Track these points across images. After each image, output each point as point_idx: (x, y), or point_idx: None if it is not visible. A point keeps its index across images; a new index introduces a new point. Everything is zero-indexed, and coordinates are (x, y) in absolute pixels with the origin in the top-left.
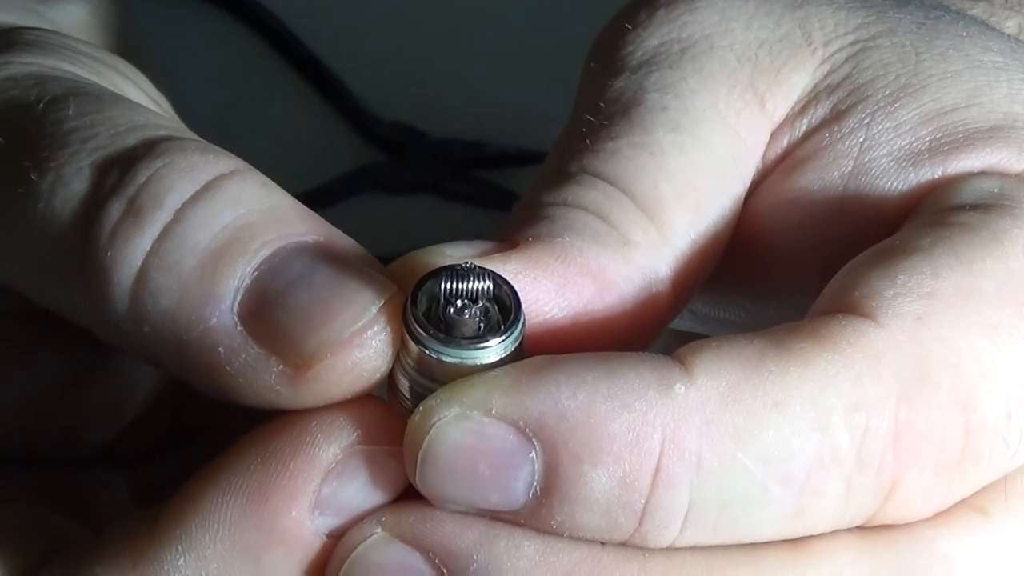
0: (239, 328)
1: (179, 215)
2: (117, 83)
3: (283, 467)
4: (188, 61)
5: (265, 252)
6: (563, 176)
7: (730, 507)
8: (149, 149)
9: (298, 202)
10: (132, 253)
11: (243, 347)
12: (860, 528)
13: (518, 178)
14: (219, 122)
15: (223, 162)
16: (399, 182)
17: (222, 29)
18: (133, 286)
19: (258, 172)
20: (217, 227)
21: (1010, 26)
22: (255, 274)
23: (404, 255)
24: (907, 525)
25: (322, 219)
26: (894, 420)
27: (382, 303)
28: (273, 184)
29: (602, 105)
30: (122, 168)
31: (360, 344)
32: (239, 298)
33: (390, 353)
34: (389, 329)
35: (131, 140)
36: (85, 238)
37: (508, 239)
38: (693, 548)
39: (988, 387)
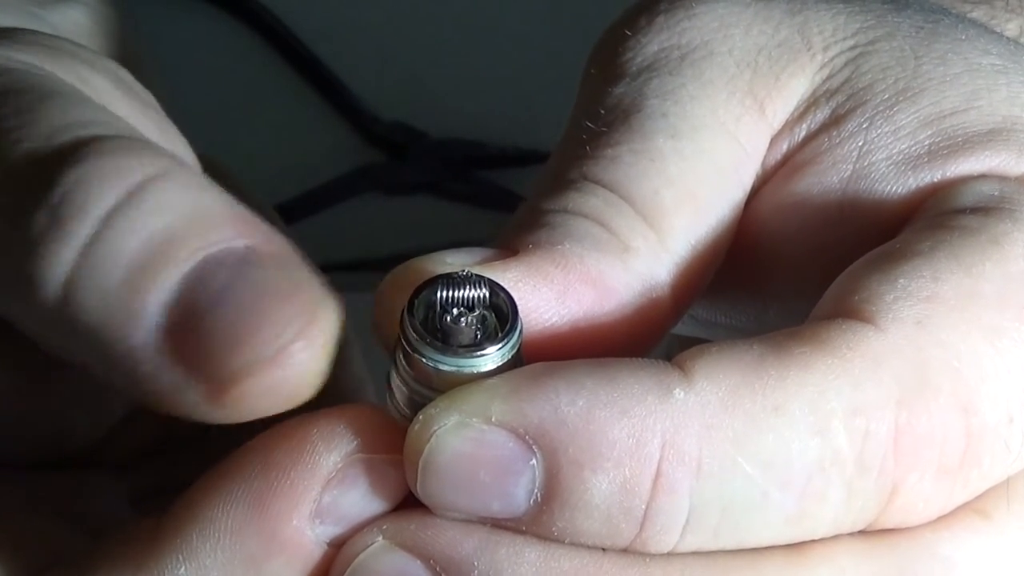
0: (160, 347)
1: (104, 223)
2: (81, 73)
3: (283, 476)
4: (188, 61)
5: (191, 263)
6: (563, 183)
7: (731, 512)
8: (74, 151)
9: (231, 200)
10: (58, 265)
11: (164, 366)
12: (862, 532)
13: (518, 178)
14: (219, 122)
15: (150, 162)
16: (399, 182)
17: (222, 29)
18: (61, 298)
19: (190, 170)
20: (143, 237)
21: (1011, 28)
22: (180, 288)
23: (403, 262)
24: (909, 528)
25: (257, 219)
26: (894, 424)
27: (303, 319)
28: (205, 181)
29: (602, 111)
30: (48, 173)
31: (281, 363)
32: (163, 315)
33: (317, 370)
34: (315, 345)
35: (61, 140)
36: (15, 248)
37: (508, 246)
38: (694, 553)
39: (989, 391)
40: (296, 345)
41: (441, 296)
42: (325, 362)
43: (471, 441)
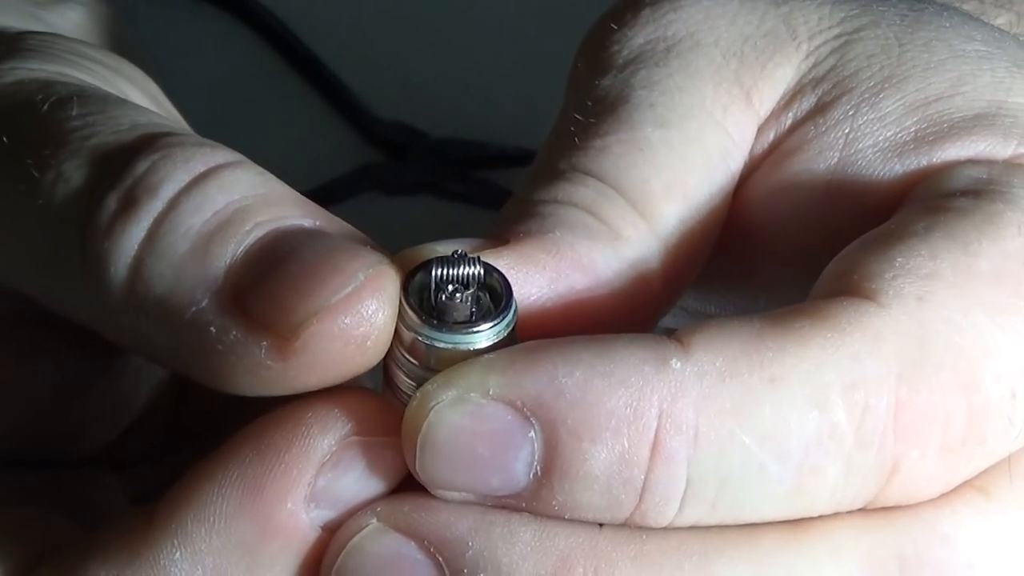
0: (229, 305)
1: (173, 203)
2: (122, 87)
3: (278, 459)
4: (188, 61)
5: (258, 233)
6: (553, 174)
7: (728, 484)
8: (148, 143)
9: (296, 192)
10: (127, 242)
11: (233, 324)
12: (862, 510)
13: (518, 178)
14: (219, 122)
15: (220, 154)
16: (399, 182)
17: (222, 29)
18: (129, 275)
19: (257, 165)
20: (210, 212)
21: (1000, 23)
22: (246, 253)
23: (397, 253)
24: (908, 505)
25: (320, 208)
26: (895, 400)
27: (370, 271)
28: (271, 175)
29: (590, 103)
30: (120, 162)
31: (346, 310)
32: (230, 276)
33: (381, 320)
34: (379, 296)
35: (131, 136)
36: (84, 231)
37: (499, 236)
38: (691, 528)
39: (991, 367)
40: (360, 294)
41: (436, 274)
42: (392, 319)
43: (469, 415)
